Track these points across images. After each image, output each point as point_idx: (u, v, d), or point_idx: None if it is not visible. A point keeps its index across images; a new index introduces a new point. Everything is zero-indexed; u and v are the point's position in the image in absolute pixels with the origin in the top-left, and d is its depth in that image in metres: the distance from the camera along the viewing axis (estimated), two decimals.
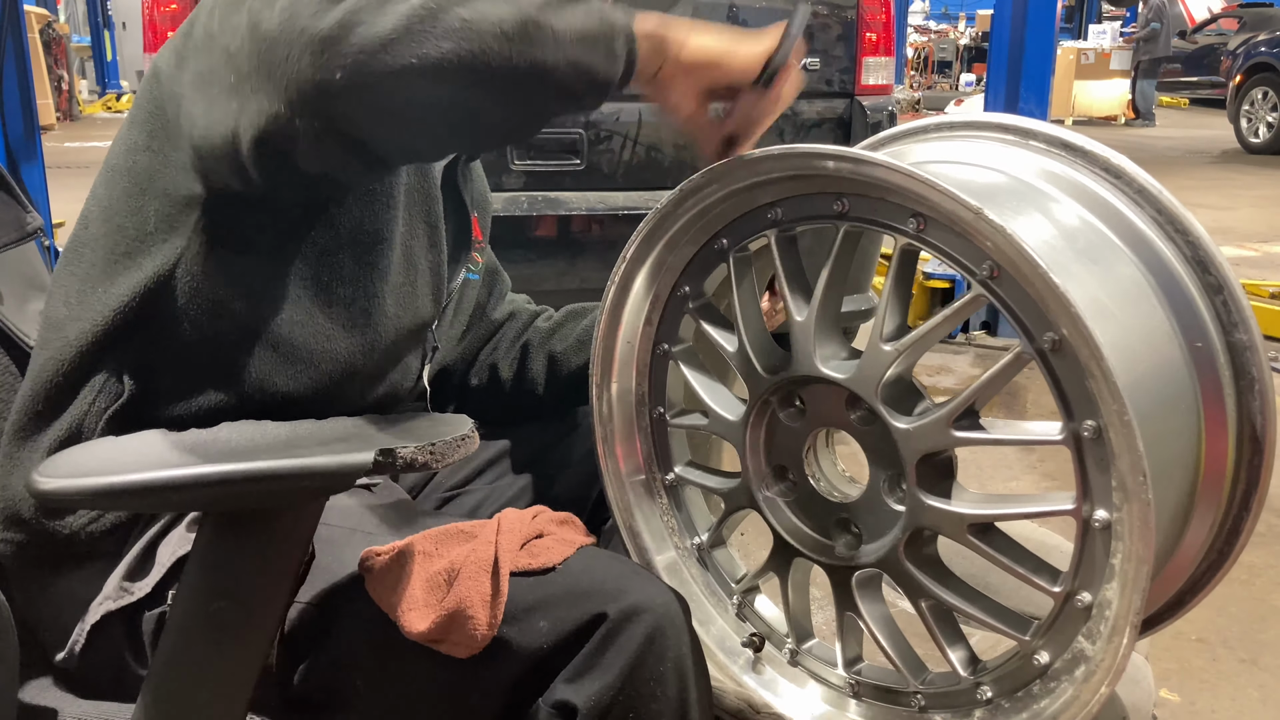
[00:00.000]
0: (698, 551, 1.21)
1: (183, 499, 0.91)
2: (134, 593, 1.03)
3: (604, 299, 1.14)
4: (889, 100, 3.54)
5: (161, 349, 1.06)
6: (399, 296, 1.17)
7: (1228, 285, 0.95)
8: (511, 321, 1.45)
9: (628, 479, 1.20)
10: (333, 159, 0.94)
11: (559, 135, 3.19)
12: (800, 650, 1.15)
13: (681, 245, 1.11)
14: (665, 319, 1.16)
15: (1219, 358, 0.95)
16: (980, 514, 0.96)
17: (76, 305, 1.08)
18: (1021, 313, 0.88)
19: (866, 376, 0.98)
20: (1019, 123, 1.06)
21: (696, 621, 1.13)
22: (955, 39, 21.32)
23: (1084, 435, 0.86)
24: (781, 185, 1.02)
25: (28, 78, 3.61)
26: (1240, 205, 8.08)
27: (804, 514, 1.11)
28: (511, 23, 0.89)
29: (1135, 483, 0.81)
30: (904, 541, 1.00)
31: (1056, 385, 0.87)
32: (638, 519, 1.21)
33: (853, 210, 0.98)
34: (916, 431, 0.96)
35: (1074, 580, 0.91)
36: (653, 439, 1.20)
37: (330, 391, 1.12)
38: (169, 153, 1.04)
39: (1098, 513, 0.88)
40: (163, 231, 1.06)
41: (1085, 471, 0.87)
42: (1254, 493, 0.97)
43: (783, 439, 1.11)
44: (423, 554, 0.97)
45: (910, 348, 0.96)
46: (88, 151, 10.01)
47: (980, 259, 0.90)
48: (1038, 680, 0.96)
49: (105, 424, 1.05)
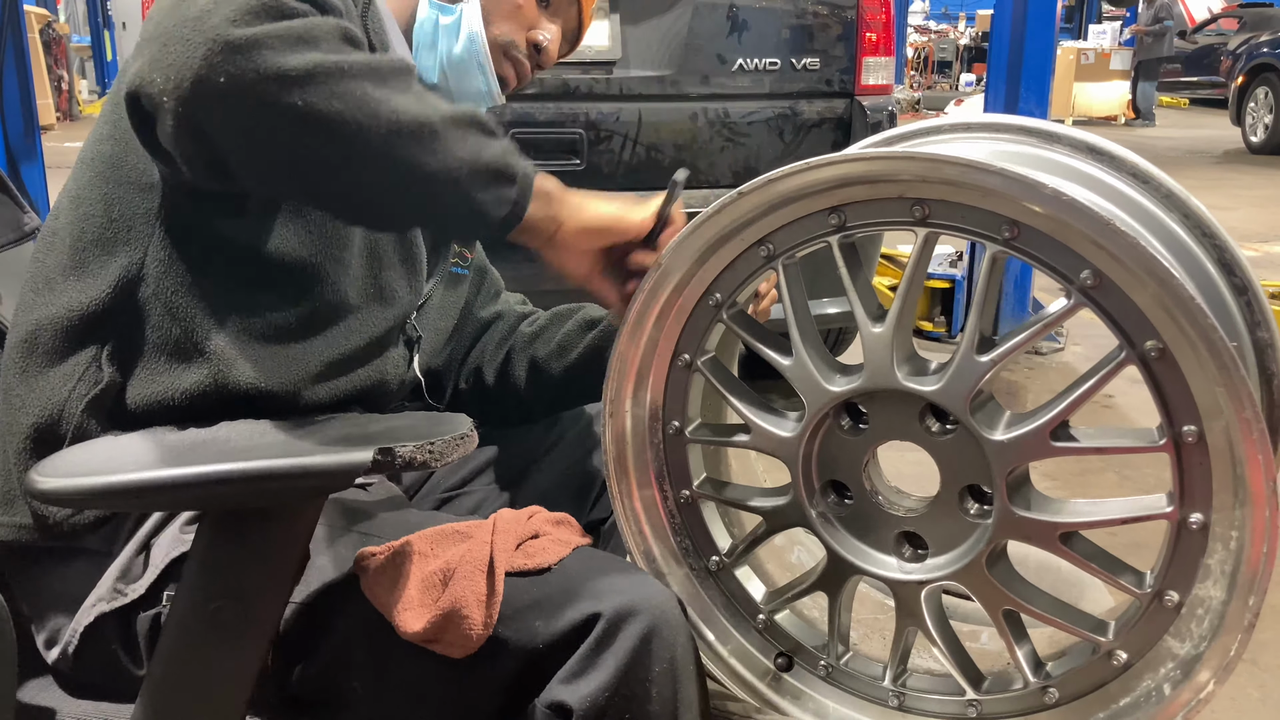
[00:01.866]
0: (717, 569, 1.15)
1: (182, 499, 0.91)
2: (128, 594, 1.03)
3: (628, 312, 1.07)
4: (889, 100, 3.53)
5: (138, 335, 1.07)
6: (364, 288, 1.17)
7: (1251, 286, 0.98)
8: (498, 324, 1.45)
9: (639, 497, 1.15)
10: (181, 146, 0.95)
11: (559, 135, 3.19)
12: (836, 665, 1.11)
13: (716, 253, 1.05)
14: (688, 329, 1.09)
15: (1250, 357, 0.98)
16: (1073, 522, 0.96)
17: (45, 291, 1.09)
18: (1123, 321, 0.88)
19: (956, 389, 0.95)
20: (1041, 125, 1.06)
21: (716, 640, 1.13)
22: (955, 39, 21.32)
23: (1185, 440, 0.88)
24: (850, 189, 0.97)
25: (28, 78, 3.61)
26: (1241, 205, 8.08)
27: (860, 529, 1.07)
28: (410, 117, 0.92)
29: (1263, 487, 0.83)
30: (986, 554, 0.98)
31: (1158, 391, 0.88)
32: (649, 538, 1.16)
33: (934, 215, 0.94)
34: (1012, 443, 0.94)
35: (1163, 580, 0.93)
36: (665, 455, 1.14)
37: (305, 378, 1.12)
38: (129, 140, 1.06)
39: (1194, 515, 0.89)
40: (127, 218, 1.07)
41: (1184, 476, 0.89)
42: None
43: (838, 453, 1.06)
44: (418, 554, 0.97)
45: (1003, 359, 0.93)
46: None
47: (1079, 266, 0.88)
48: (1115, 679, 0.97)
49: (86, 408, 1.05)
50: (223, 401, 1.07)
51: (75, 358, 1.06)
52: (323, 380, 1.13)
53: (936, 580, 1.02)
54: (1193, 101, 17.69)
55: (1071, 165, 1.03)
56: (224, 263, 1.08)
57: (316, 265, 1.11)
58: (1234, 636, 0.88)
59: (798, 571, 1.20)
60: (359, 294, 1.16)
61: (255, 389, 1.08)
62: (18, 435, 1.07)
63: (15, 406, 1.08)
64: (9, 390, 1.09)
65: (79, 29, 18.30)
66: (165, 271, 1.06)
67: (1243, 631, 0.87)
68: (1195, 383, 0.86)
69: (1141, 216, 1.00)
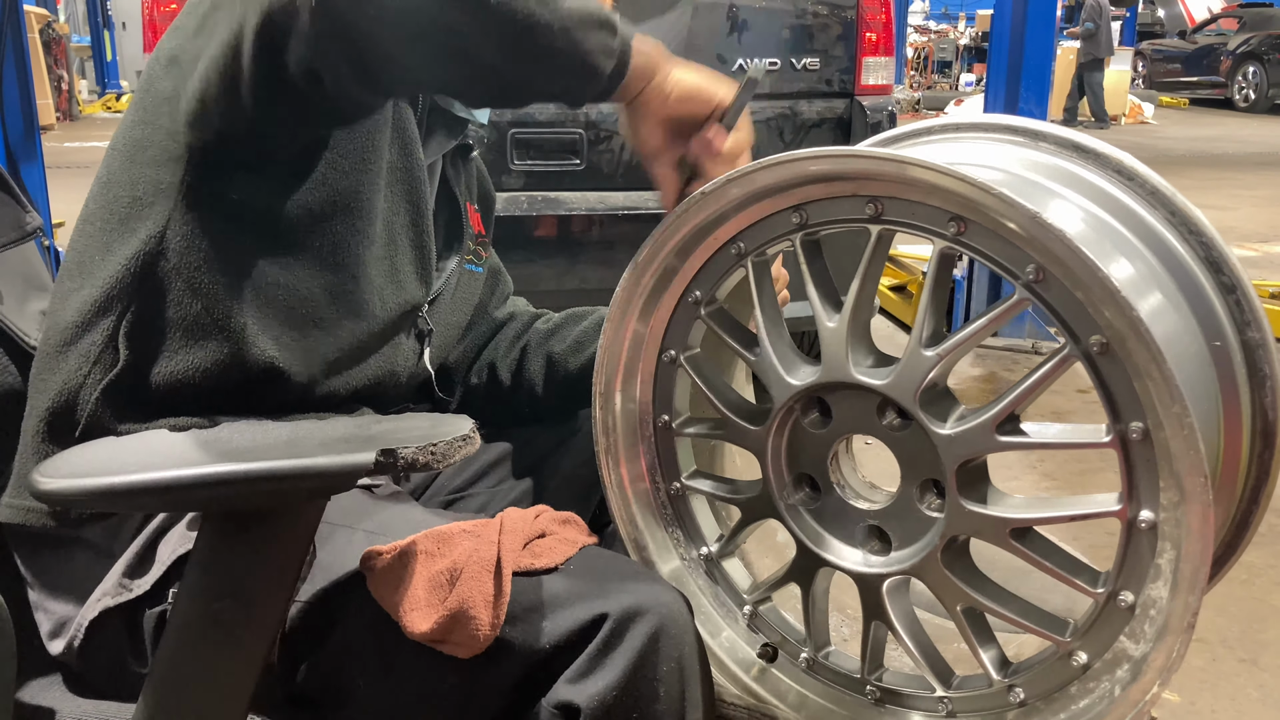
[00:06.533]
0: (705, 562, 1.18)
1: (184, 499, 0.91)
2: (133, 590, 1.03)
3: (611, 306, 1.11)
4: (889, 100, 3.54)
5: (157, 311, 1.07)
6: (382, 268, 1.18)
7: (1240, 285, 0.96)
8: (512, 322, 1.46)
9: (631, 488, 1.17)
10: (326, 61, 0.95)
11: (559, 135, 3.19)
12: (817, 659, 1.13)
13: (694, 251, 1.09)
14: (673, 325, 1.13)
15: (1235, 356, 0.96)
16: (1023, 518, 0.95)
17: (79, 276, 1.10)
18: (1066, 315, 0.88)
19: (905, 382, 0.97)
20: (1027, 124, 1.06)
21: (705, 632, 1.13)
22: (955, 39, 21.33)
23: (1131, 437, 0.86)
24: (809, 188, 1.00)
25: (28, 78, 3.60)
26: (1241, 205, 8.08)
27: (829, 522, 1.09)
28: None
29: (1195, 485, 0.81)
30: (941, 547, 0.99)
31: (1103, 387, 0.87)
32: (640, 529, 1.18)
33: (887, 213, 0.96)
34: (959, 437, 0.95)
35: (1116, 581, 0.91)
36: (656, 448, 1.18)
37: (321, 362, 1.13)
38: (156, 120, 1.07)
39: (1143, 513, 0.88)
40: (150, 195, 1.08)
41: (1131, 473, 0.88)
42: (1263, 487, 0.99)
43: (806, 446, 1.09)
44: (425, 553, 0.97)
45: (951, 353, 0.95)
46: (87, 151, 10.01)
47: (1024, 262, 0.89)
48: (1076, 681, 0.96)
49: (101, 394, 1.06)
50: (241, 382, 1.07)
51: (91, 335, 1.07)
52: (338, 370, 1.15)
53: (894, 574, 1.03)
54: (1192, 101, 17.70)
55: (1055, 164, 1.03)
56: (249, 234, 1.09)
57: (340, 235, 1.12)
58: (1176, 638, 0.86)
59: None
60: (378, 272, 1.17)
61: (274, 369, 1.09)
62: (35, 418, 1.08)
63: (37, 389, 1.10)
64: (36, 375, 1.11)
65: (79, 29, 18.31)
66: (188, 246, 1.07)
67: (1184, 633, 0.85)
68: (1139, 378, 0.85)
69: (1122, 214, 0.99)
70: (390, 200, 1.19)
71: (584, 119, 3.17)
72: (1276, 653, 2.28)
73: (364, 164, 1.14)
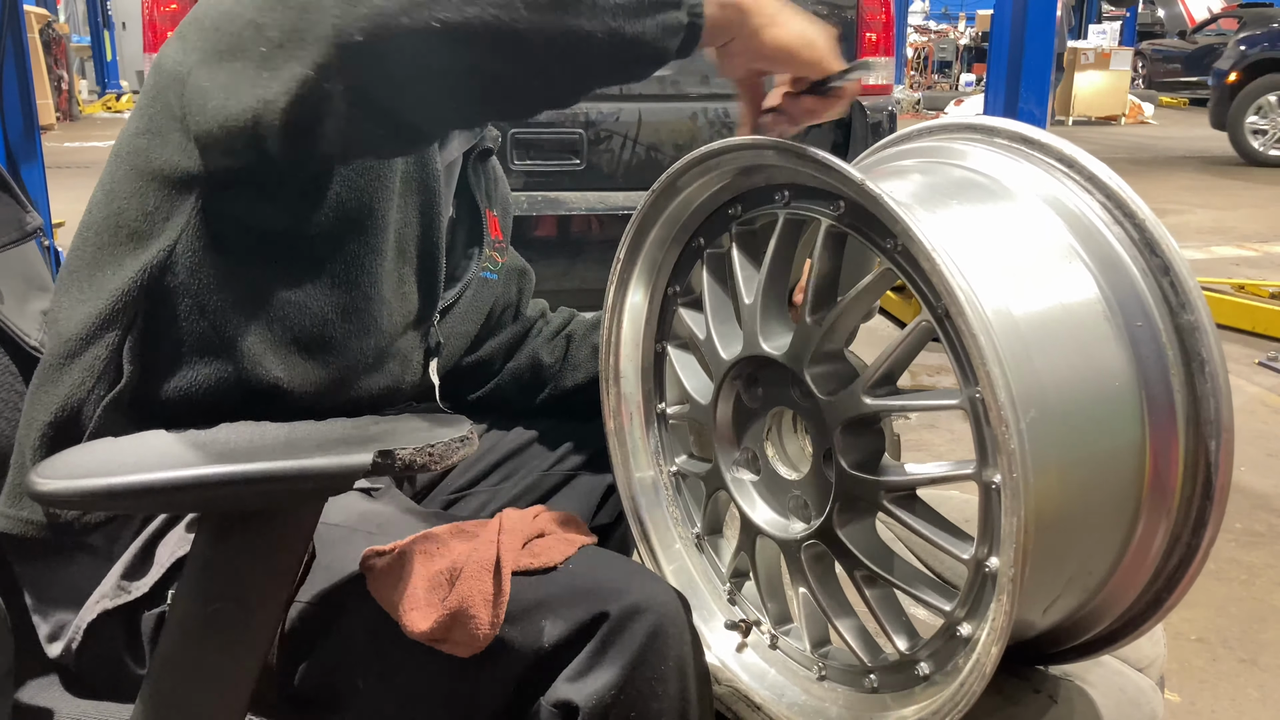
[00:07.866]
0: (696, 540, 1.25)
1: (181, 500, 0.90)
2: (132, 591, 1.03)
3: (604, 300, 1.18)
4: (889, 100, 3.54)
5: (162, 328, 1.06)
6: (391, 281, 1.17)
7: (1174, 266, 0.93)
8: (550, 316, 1.50)
9: (636, 473, 1.27)
10: (360, 131, 0.93)
11: (559, 135, 3.19)
12: (778, 634, 1.16)
13: (669, 245, 1.18)
14: (663, 318, 1.22)
15: (1162, 337, 0.93)
16: (894, 480, 0.98)
17: (88, 288, 1.08)
18: (922, 283, 0.91)
19: (798, 352, 1.02)
20: (984, 122, 1.08)
21: (699, 610, 1.17)
22: (955, 39, 21.34)
23: (976, 398, 0.87)
24: (738, 181, 1.09)
25: (28, 78, 3.61)
26: (1240, 205, 8.09)
27: (767, 494, 1.15)
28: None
29: (1001, 433, 0.81)
30: (836, 510, 1.02)
31: (954, 351, 0.88)
32: (644, 510, 1.27)
33: (793, 199, 1.04)
34: (837, 401, 1.00)
35: (983, 547, 0.91)
36: (659, 431, 1.26)
37: (326, 380, 1.12)
38: (167, 134, 1.05)
39: (994, 477, 0.88)
40: (163, 210, 1.06)
41: (980, 435, 0.89)
42: (1215, 479, 0.93)
43: (748, 421, 1.16)
44: (424, 553, 0.97)
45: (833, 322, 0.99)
46: (87, 151, 10.02)
47: (885, 234, 0.93)
48: (962, 652, 0.96)
49: (104, 409, 1.05)
50: (243, 400, 1.07)
51: (94, 349, 1.06)
52: (342, 387, 1.14)
53: (801, 540, 1.07)
54: (1192, 101, 17.70)
55: (995, 155, 1.05)
56: (262, 255, 1.08)
57: (355, 253, 1.11)
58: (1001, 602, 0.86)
59: None
60: (388, 286, 1.16)
61: (278, 388, 1.08)
62: (34, 431, 1.06)
63: (36, 402, 1.08)
64: (36, 387, 1.09)
65: (79, 29, 18.33)
66: (198, 264, 1.05)
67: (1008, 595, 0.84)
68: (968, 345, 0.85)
69: (1050, 198, 0.99)
70: (403, 211, 1.18)
71: (584, 119, 3.17)
72: (1276, 653, 2.28)
73: (380, 179, 1.13)
